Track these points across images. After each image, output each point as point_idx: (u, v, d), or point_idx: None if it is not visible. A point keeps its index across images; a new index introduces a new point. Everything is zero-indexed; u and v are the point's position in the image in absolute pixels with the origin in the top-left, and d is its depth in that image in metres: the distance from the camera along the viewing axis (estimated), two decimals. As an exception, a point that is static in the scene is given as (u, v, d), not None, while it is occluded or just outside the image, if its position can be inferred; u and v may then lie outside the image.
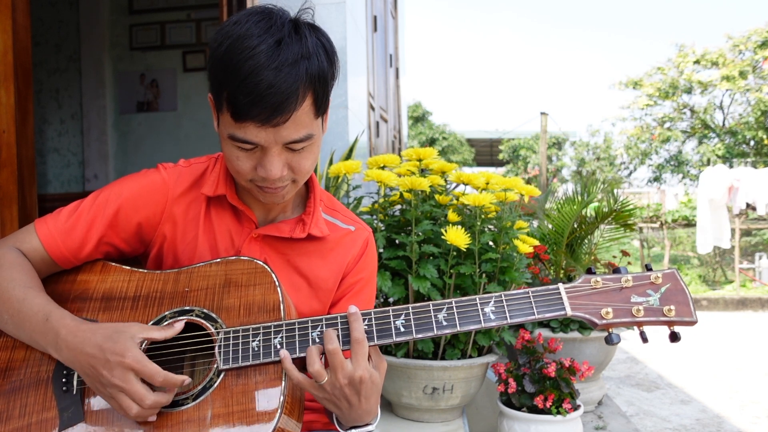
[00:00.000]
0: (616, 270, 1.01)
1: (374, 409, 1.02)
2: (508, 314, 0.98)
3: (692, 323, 0.97)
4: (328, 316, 1.00)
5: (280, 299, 1.03)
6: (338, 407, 0.99)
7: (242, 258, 1.08)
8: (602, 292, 0.99)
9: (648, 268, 1.01)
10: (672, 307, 0.97)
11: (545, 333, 3.10)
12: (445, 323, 0.98)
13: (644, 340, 1.02)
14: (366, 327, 0.97)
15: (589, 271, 1.01)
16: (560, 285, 1.00)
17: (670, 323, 0.98)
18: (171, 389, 0.96)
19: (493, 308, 0.99)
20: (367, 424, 1.04)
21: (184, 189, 1.17)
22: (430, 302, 1.00)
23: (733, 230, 8.83)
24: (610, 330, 1.00)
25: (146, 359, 0.94)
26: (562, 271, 3.33)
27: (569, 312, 0.97)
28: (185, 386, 0.98)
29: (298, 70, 0.97)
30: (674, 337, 0.98)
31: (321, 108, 1.04)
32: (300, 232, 1.16)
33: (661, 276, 0.99)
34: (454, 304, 0.99)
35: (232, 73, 0.96)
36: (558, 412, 2.29)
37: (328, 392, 0.96)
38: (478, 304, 0.99)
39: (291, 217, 1.21)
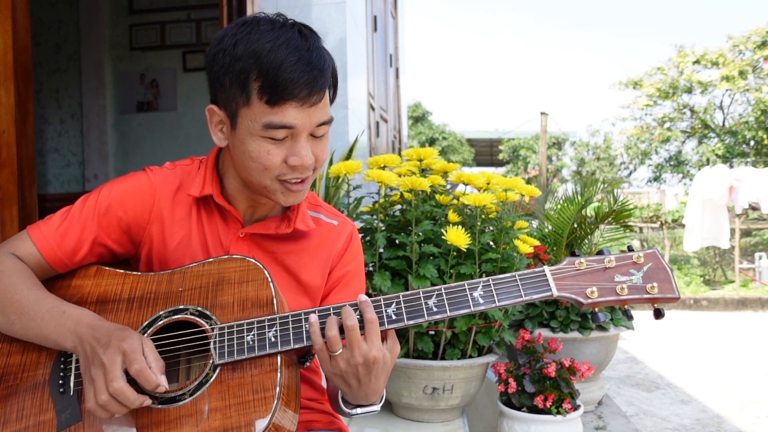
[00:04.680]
0: (599, 252, 1.04)
1: (381, 389, 1.05)
2: (496, 297, 1.01)
3: (675, 299, 1.00)
4: (321, 307, 1.02)
5: (273, 294, 1.04)
6: (347, 384, 1.01)
7: (234, 257, 1.09)
8: (586, 273, 1.02)
9: (630, 249, 1.04)
10: (655, 285, 1.00)
11: (545, 333, 3.11)
12: (435, 309, 1.00)
13: (629, 317, 1.09)
14: (358, 317, 0.99)
15: (573, 254, 1.04)
16: (545, 267, 1.03)
17: (653, 300, 1.01)
18: (145, 382, 0.94)
19: (482, 292, 1.01)
20: (371, 404, 1.07)
21: (170, 191, 1.18)
22: (420, 290, 1.02)
23: (733, 230, 8.82)
24: (596, 309, 1.03)
25: (140, 353, 0.95)
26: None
27: (555, 293, 1.00)
28: (176, 384, 0.98)
29: (323, 53, 1.06)
30: (658, 314, 1.01)
31: (333, 97, 1.11)
32: (285, 228, 1.18)
33: (643, 255, 1.03)
34: (443, 290, 1.01)
35: (264, 60, 1.00)
36: (558, 412, 2.29)
37: (342, 368, 0.98)
38: (467, 290, 1.01)
39: (276, 215, 1.23)
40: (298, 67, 1.00)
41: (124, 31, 4.65)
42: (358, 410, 1.08)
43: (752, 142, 14.29)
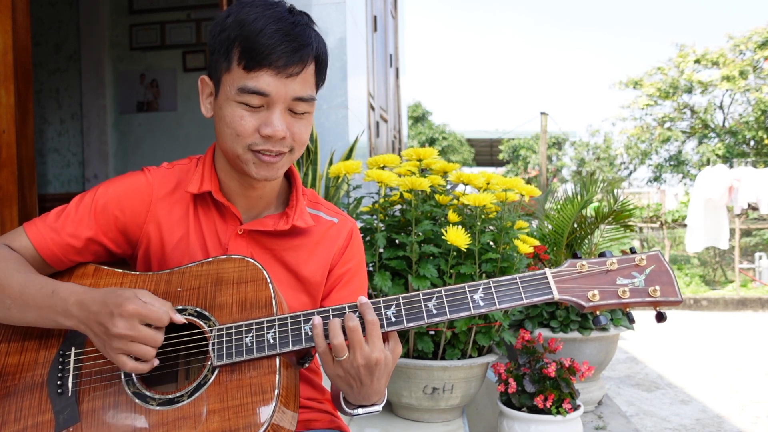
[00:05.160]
0: (601, 254, 1.03)
1: (382, 390, 1.05)
2: (496, 300, 1.00)
3: (677, 303, 1.00)
4: (320, 309, 1.01)
5: (272, 295, 1.03)
6: (350, 386, 1.01)
7: (233, 256, 1.09)
8: (588, 276, 1.01)
9: (632, 251, 1.03)
10: (657, 288, 0.99)
11: (545, 333, 3.11)
12: (435, 311, 1.00)
13: (631, 320, 1.08)
14: (358, 318, 0.99)
15: (575, 256, 1.03)
16: (547, 270, 1.02)
17: (655, 303, 1.00)
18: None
19: (482, 295, 1.00)
20: (373, 404, 1.07)
21: (167, 190, 1.18)
22: (420, 292, 1.01)
23: (732, 230, 8.82)
24: (598, 312, 1.02)
25: (148, 305, 0.96)
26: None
27: (556, 296, 0.99)
28: (174, 385, 0.98)
29: (309, 32, 1.07)
30: (660, 317, 1.00)
31: (320, 81, 1.11)
32: (284, 225, 1.17)
33: (645, 258, 1.01)
34: (443, 293, 1.00)
35: (247, 28, 1.02)
36: (558, 412, 2.29)
37: (344, 370, 0.98)
38: (467, 292, 1.00)
39: (275, 212, 1.22)
40: (276, 35, 1.01)
41: (124, 31, 4.65)
42: (360, 410, 1.08)
43: (752, 142, 14.29)
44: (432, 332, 2.37)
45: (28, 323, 1.05)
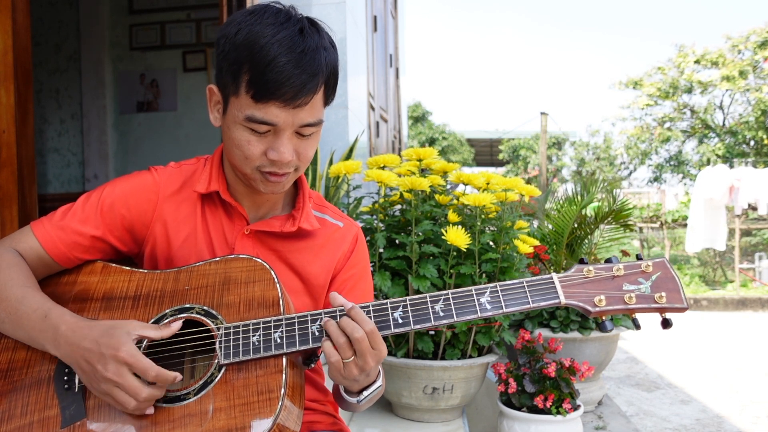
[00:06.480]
0: (608, 260, 1.04)
1: (377, 367, 1.06)
2: (503, 303, 1.00)
3: (683, 309, 1.00)
4: (327, 309, 1.01)
5: (279, 295, 1.04)
6: (357, 381, 1.02)
7: (241, 256, 1.09)
8: (595, 281, 1.01)
9: (639, 258, 1.04)
10: (663, 294, 0.99)
11: (545, 333, 3.11)
12: (442, 314, 1.00)
13: (637, 327, 1.08)
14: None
15: (582, 261, 1.04)
16: (554, 275, 1.02)
17: (661, 310, 1.01)
18: (163, 385, 0.96)
19: (489, 298, 1.01)
20: (374, 382, 1.08)
21: (174, 189, 1.19)
22: (427, 294, 1.02)
23: (733, 230, 8.82)
24: (604, 318, 1.03)
25: (140, 354, 0.95)
26: (562, 271, 3.33)
27: (563, 300, 1.00)
28: (180, 383, 0.98)
29: (319, 57, 1.04)
30: (666, 324, 1.01)
31: (329, 99, 1.11)
32: (290, 226, 1.18)
33: (652, 264, 1.02)
34: (450, 295, 1.01)
35: (257, 55, 1.00)
36: (558, 412, 2.29)
37: (355, 374, 0.99)
38: (474, 295, 1.01)
39: (281, 214, 1.23)
40: (286, 68, 1.00)
41: (124, 31, 4.65)
42: (365, 392, 1.08)
43: (752, 142, 14.29)
44: (432, 332, 2.37)
45: (20, 340, 1.05)
